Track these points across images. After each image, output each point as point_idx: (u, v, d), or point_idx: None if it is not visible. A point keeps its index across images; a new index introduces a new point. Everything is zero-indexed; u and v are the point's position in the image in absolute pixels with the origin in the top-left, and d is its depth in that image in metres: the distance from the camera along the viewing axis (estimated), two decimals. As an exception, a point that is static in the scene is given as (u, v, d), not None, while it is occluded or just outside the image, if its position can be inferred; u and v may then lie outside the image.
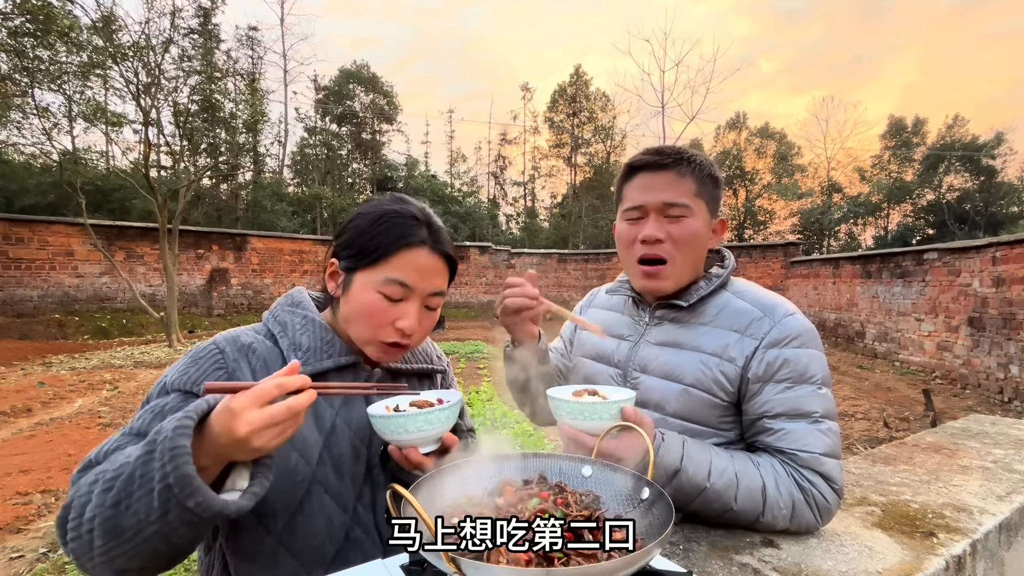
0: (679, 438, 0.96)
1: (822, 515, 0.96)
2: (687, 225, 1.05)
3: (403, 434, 0.82)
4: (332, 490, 0.87)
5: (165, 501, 0.63)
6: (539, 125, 34.92)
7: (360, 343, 0.92)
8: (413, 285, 0.89)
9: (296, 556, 0.85)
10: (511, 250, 20.42)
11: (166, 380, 0.85)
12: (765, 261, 16.57)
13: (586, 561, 0.59)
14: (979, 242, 7.97)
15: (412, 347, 0.95)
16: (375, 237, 0.90)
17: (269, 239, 16.11)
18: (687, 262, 1.07)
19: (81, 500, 0.68)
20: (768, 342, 1.00)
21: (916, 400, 6.98)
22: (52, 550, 2.93)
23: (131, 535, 0.64)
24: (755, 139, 35.13)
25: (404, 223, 0.91)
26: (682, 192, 1.05)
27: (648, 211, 1.07)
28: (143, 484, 0.64)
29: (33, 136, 11.38)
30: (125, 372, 8.18)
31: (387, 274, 0.89)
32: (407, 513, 0.60)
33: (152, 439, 0.65)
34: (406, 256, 0.89)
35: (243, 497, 0.68)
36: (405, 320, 0.89)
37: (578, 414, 0.89)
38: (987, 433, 1.71)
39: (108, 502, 0.65)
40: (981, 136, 29.85)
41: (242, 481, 0.71)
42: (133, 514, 0.64)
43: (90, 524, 0.65)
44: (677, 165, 1.06)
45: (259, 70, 25.46)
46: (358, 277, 0.91)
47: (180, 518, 0.63)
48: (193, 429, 0.65)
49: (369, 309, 0.89)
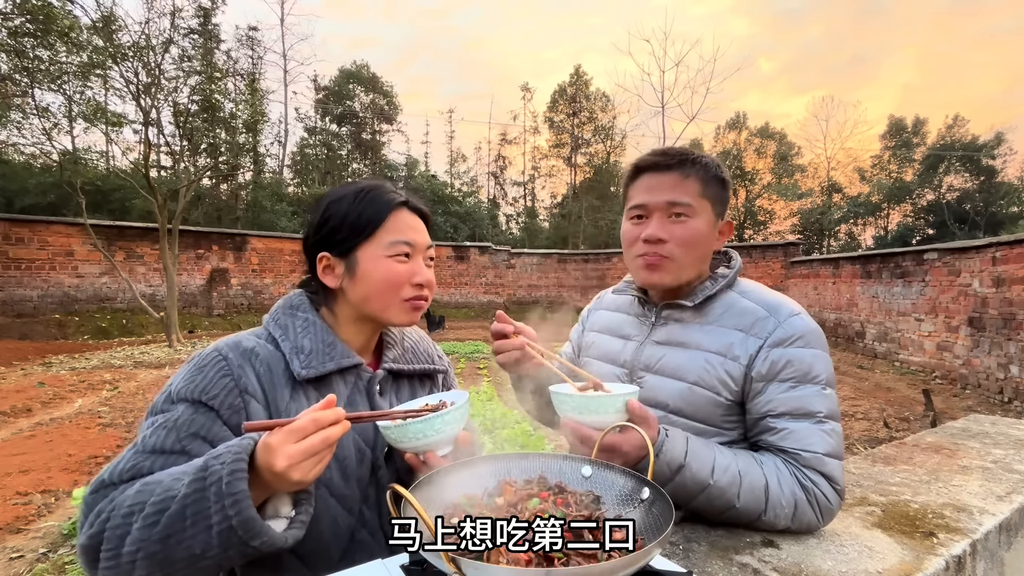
0: (683, 435, 0.96)
1: (823, 515, 0.96)
2: (690, 225, 1.05)
3: (422, 439, 0.82)
4: (337, 492, 0.88)
5: (226, 540, 0.65)
6: (539, 125, 34.96)
7: (383, 312, 0.95)
8: (414, 241, 0.95)
9: (302, 559, 0.85)
10: (511, 250, 20.41)
11: (171, 389, 0.84)
12: (765, 261, 16.57)
13: (586, 561, 0.59)
14: (979, 242, 7.97)
15: (428, 302, 0.99)
16: (363, 211, 0.93)
17: (269, 239, 16.11)
18: (689, 261, 1.07)
19: (117, 532, 0.68)
20: (772, 341, 1.01)
21: (916, 400, 6.98)
22: (52, 550, 2.93)
23: (182, 566, 0.67)
24: (755, 139, 35.13)
25: (383, 190, 0.97)
26: (686, 192, 1.05)
27: (652, 211, 1.08)
28: (197, 522, 0.65)
29: (33, 136, 11.37)
30: (125, 372, 8.18)
31: (389, 238, 0.93)
32: (407, 513, 0.60)
33: (200, 477, 0.67)
34: (397, 217, 0.95)
35: (293, 525, 0.72)
36: (420, 275, 0.95)
37: (583, 408, 0.89)
38: (987, 433, 1.71)
39: (155, 536, 0.66)
40: (981, 136, 29.88)
41: (285, 508, 0.74)
42: (186, 548, 0.66)
43: (132, 556, 0.66)
44: (682, 166, 1.06)
45: (259, 70, 25.45)
46: (361, 254, 0.93)
47: (240, 553, 0.67)
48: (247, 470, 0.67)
49: (388, 275, 0.92)
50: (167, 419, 0.80)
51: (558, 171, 34.68)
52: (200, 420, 0.80)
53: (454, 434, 0.86)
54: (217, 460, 0.67)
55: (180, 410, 0.81)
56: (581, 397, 0.90)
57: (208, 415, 0.81)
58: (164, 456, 0.76)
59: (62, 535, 3.07)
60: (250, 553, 0.67)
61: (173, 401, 0.82)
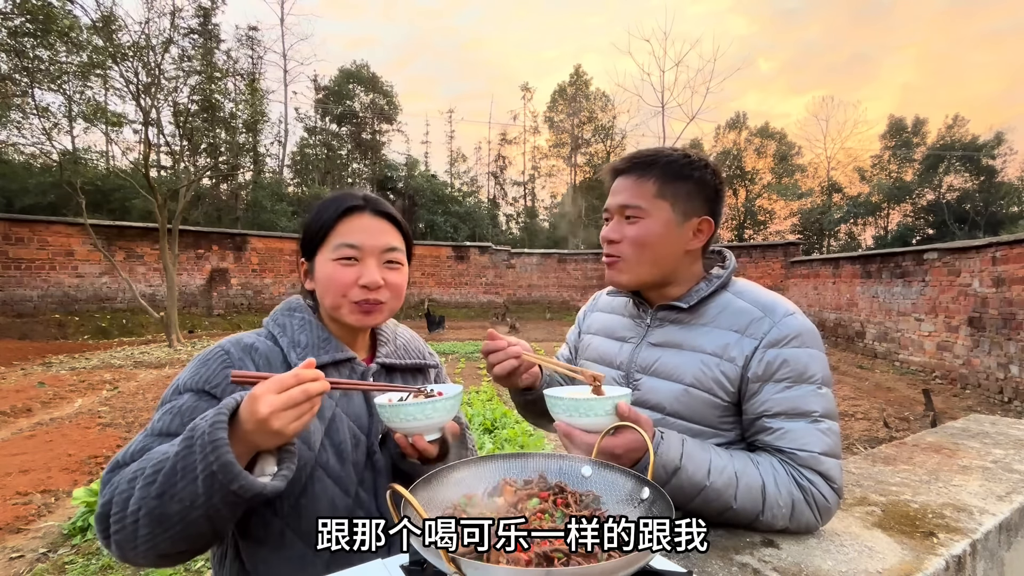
0: (679, 437, 0.96)
1: (821, 514, 0.96)
2: (641, 226, 1.08)
3: (410, 422, 0.87)
4: (334, 474, 0.92)
5: (209, 487, 0.70)
6: (539, 125, 34.96)
7: (335, 313, 0.98)
8: (361, 244, 0.97)
9: (302, 537, 0.89)
10: (511, 250, 20.42)
11: (179, 382, 0.91)
12: (765, 261, 16.57)
13: (586, 561, 0.59)
14: (979, 242, 7.97)
15: (386, 304, 1.00)
16: (318, 219, 0.99)
17: (269, 239, 16.12)
18: (642, 260, 1.09)
19: (122, 496, 0.75)
20: (768, 342, 1.01)
21: (916, 400, 6.99)
22: (52, 550, 2.93)
23: (176, 520, 0.73)
24: (755, 139, 35.13)
25: (340, 198, 1.01)
26: (638, 194, 1.08)
27: (612, 214, 1.13)
28: (186, 475, 0.72)
29: (33, 136, 11.40)
30: (125, 372, 8.18)
31: (336, 241, 0.97)
32: (407, 513, 0.60)
33: (189, 435, 0.73)
34: (348, 223, 0.98)
35: (275, 478, 0.76)
36: (365, 276, 0.96)
37: (572, 411, 0.90)
38: (987, 433, 1.71)
39: (152, 494, 0.73)
40: (981, 136, 29.88)
41: (270, 467, 0.79)
42: (178, 501, 0.72)
43: (135, 516, 0.73)
44: (639, 168, 1.09)
45: (259, 70, 25.47)
46: (317, 259, 0.99)
47: (223, 500, 0.72)
48: (228, 423, 0.73)
49: (330, 277, 0.96)
50: (173, 406, 0.88)
51: (558, 171, 34.74)
52: (203, 406, 0.85)
53: (442, 422, 0.91)
54: (202, 418, 0.74)
55: (185, 398, 0.88)
56: (571, 400, 0.90)
57: (211, 402, 0.87)
58: (169, 438, 0.83)
59: (62, 535, 3.08)
60: (232, 500, 0.72)
61: (180, 392, 0.90)
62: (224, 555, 0.94)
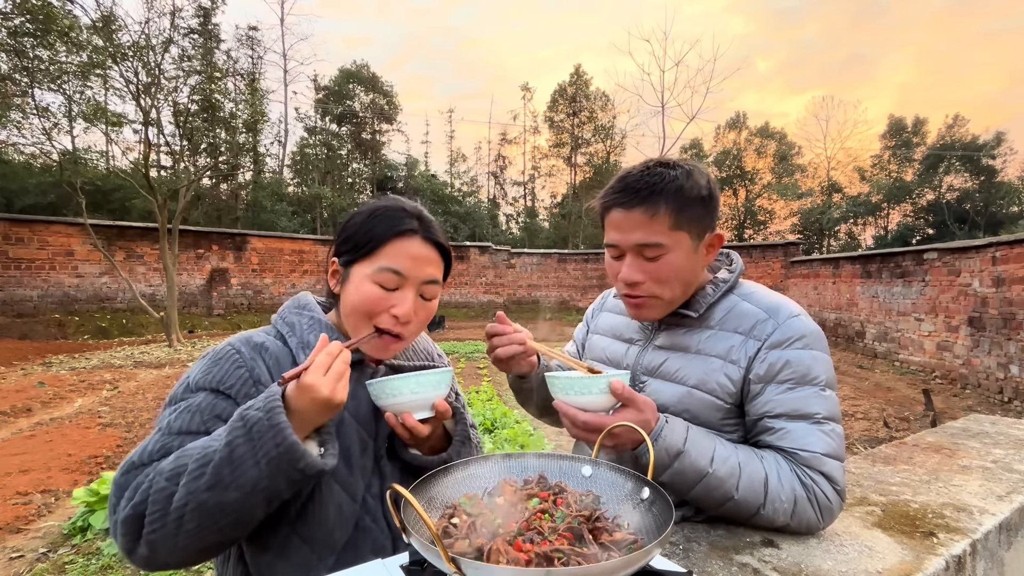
0: (684, 423, 0.97)
1: (823, 514, 0.96)
2: (664, 263, 1.02)
3: (397, 397, 0.86)
4: (342, 480, 0.91)
5: (274, 470, 0.73)
6: (539, 125, 34.94)
7: (355, 331, 0.94)
8: (406, 273, 0.92)
9: (308, 543, 0.88)
10: (511, 250, 20.41)
11: (190, 380, 0.89)
12: (765, 261, 16.57)
13: (586, 561, 0.59)
14: (979, 242, 7.96)
15: (407, 339, 0.96)
16: (369, 230, 0.94)
17: (269, 239, 16.11)
18: (673, 292, 1.05)
19: (163, 494, 0.74)
20: (771, 343, 1.00)
21: (916, 400, 6.99)
22: (52, 550, 2.93)
23: (233, 508, 0.74)
24: (755, 139, 35.12)
25: (395, 215, 0.95)
26: (655, 231, 0.99)
27: (624, 251, 1.04)
28: (244, 462, 0.73)
29: (33, 136, 11.37)
30: (125, 372, 8.18)
31: (380, 263, 0.92)
32: (407, 513, 0.60)
33: (239, 424, 0.75)
34: (398, 245, 0.93)
35: (326, 456, 0.80)
36: (400, 307, 0.91)
37: (569, 389, 0.91)
38: (987, 433, 1.71)
39: (203, 487, 0.73)
40: (981, 136, 29.89)
41: (314, 449, 0.81)
42: (236, 488, 0.73)
43: (180, 511, 0.73)
44: (649, 200, 0.99)
45: (259, 70, 25.44)
46: (355, 270, 0.94)
47: (288, 480, 0.75)
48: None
49: (365, 298, 0.91)
50: (189, 404, 0.86)
51: (558, 171, 34.69)
52: (221, 404, 0.86)
53: (431, 399, 0.88)
54: (251, 408, 0.76)
55: (201, 396, 0.86)
56: (567, 378, 0.92)
57: (227, 401, 0.86)
58: (191, 436, 0.82)
59: (62, 535, 3.08)
60: (296, 478, 0.75)
61: (192, 390, 0.88)
62: (227, 558, 0.93)
